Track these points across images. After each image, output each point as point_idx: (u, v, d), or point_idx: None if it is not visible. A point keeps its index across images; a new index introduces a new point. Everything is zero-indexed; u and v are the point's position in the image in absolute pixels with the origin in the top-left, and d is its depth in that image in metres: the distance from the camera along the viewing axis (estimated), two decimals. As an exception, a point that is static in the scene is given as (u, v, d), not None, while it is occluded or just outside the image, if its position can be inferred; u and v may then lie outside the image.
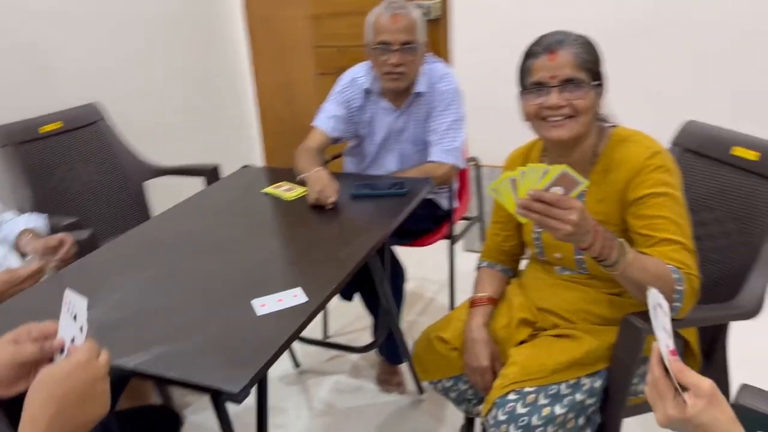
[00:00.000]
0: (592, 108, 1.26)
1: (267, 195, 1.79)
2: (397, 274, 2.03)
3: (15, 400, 0.77)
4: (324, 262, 1.37)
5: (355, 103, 2.02)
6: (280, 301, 1.22)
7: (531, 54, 1.29)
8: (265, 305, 1.21)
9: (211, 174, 2.34)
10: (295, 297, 1.23)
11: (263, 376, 1.19)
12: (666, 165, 1.24)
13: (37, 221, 1.70)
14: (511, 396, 1.27)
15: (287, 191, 1.78)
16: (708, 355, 1.45)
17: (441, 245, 2.22)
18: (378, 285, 1.77)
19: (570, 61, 1.23)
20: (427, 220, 2.12)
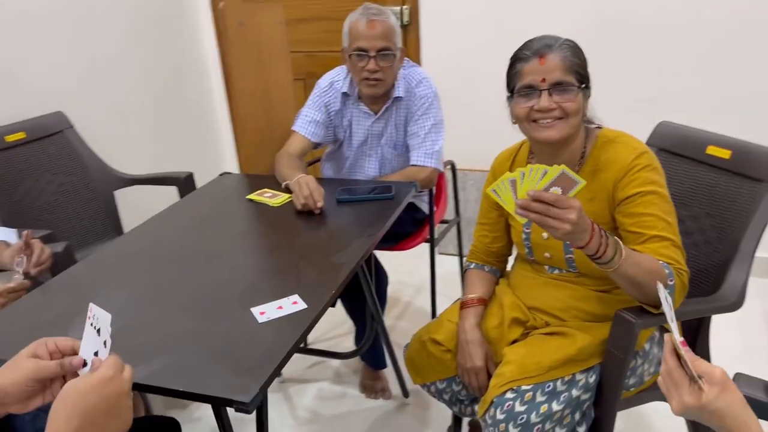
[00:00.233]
0: (581, 110, 1.30)
1: (251, 202, 1.77)
2: (380, 279, 2.03)
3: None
4: (318, 268, 1.36)
5: (333, 107, 2.02)
6: (280, 308, 1.21)
7: (521, 58, 1.31)
8: (264, 313, 1.19)
9: (184, 183, 2.30)
10: (294, 304, 1.22)
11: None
12: (652, 164, 1.29)
13: (8, 235, 1.63)
14: (509, 394, 1.29)
15: (272, 198, 1.76)
16: (691, 347, 1.51)
17: (415, 249, 2.23)
18: (366, 290, 1.76)
19: (559, 65, 1.26)
20: (407, 223, 2.13)
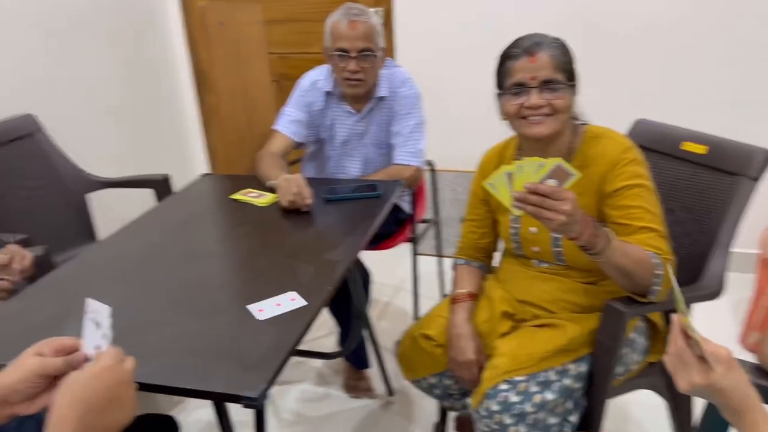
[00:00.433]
0: (569, 107, 1.33)
1: (235, 202, 1.75)
2: (364, 278, 2.03)
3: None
4: (314, 266, 1.36)
5: (315, 106, 2.02)
6: (279, 305, 1.20)
7: (510, 56, 1.34)
8: (263, 310, 1.19)
9: (161, 185, 2.26)
10: (293, 301, 1.21)
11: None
12: (638, 158, 1.33)
13: None
14: (503, 386, 1.31)
15: (257, 197, 1.75)
16: (673, 335, 1.56)
17: (392, 249, 2.24)
18: (352, 289, 1.77)
19: (549, 63, 1.29)
20: (389, 223, 2.14)
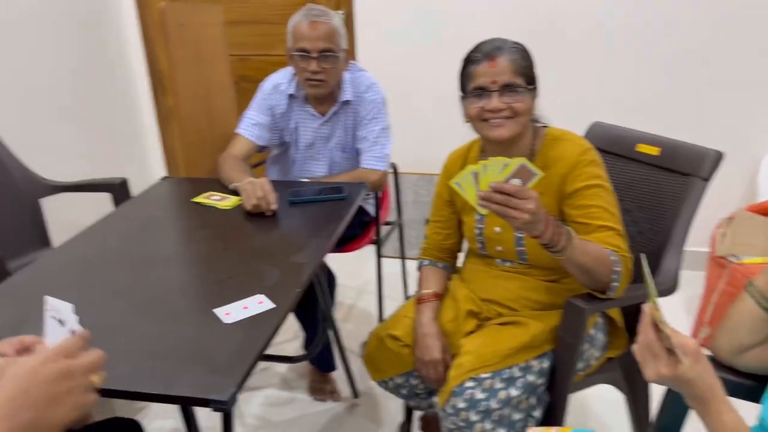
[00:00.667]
0: (529, 110, 1.37)
1: (198, 205, 1.73)
2: (329, 281, 2.03)
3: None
4: (280, 268, 1.35)
5: (278, 109, 2.01)
6: (246, 308, 1.19)
7: (472, 61, 1.37)
8: (229, 314, 1.18)
9: (119, 189, 2.20)
10: (260, 304, 1.21)
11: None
12: (597, 160, 1.38)
13: None
14: (469, 383, 1.33)
15: (220, 200, 1.73)
16: (631, 330, 1.61)
17: (356, 251, 2.24)
18: (318, 291, 1.77)
19: (509, 67, 1.33)
20: (354, 226, 2.14)
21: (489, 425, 1.32)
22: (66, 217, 2.68)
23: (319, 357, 2.09)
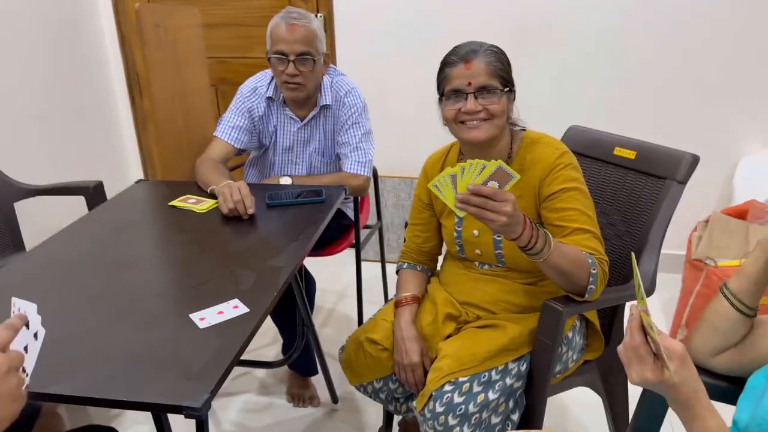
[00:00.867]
0: (505, 112, 1.37)
1: (174, 208, 1.70)
2: (308, 285, 2.02)
3: None
4: (257, 272, 1.33)
5: (257, 112, 2.00)
6: (221, 313, 1.18)
7: (448, 63, 1.37)
8: (204, 318, 1.16)
9: (93, 193, 2.17)
10: (235, 308, 1.19)
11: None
12: (573, 163, 1.38)
13: None
14: (447, 387, 1.33)
15: (196, 204, 1.71)
16: (608, 332, 1.62)
17: (335, 255, 2.23)
18: (297, 295, 1.75)
19: (484, 70, 1.33)
20: (333, 229, 2.13)
21: (467, 429, 1.31)
22: (41, 220, 2.63)
23: (298, 362, 2.07)
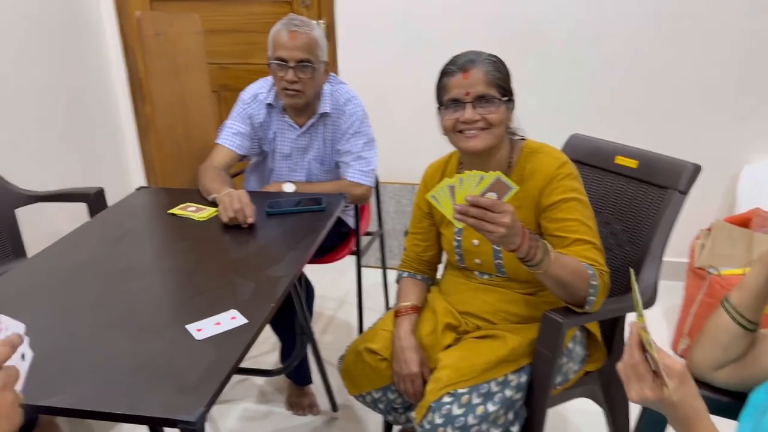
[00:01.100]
0: (504, 121, 1.36)
1: (174, 216, 1.70)
2: (308, 293, 2.01)
3: None
4: (255, 282, 1.33)
5: (257, 119, 2.00)
6: (218, 324, 1.17)
7: (446, 73, 1.36)
8: (201, 329, 1.15)
9: (94, 199, 2.17)
10: (233, 319, 1.18)
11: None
12: (573, 173, 1.37)
13: None
14: (446, 398, 1.32)
15: (196, 212, 1.70)
16: (609, 343, 1.60)
17: (336, 262, 2.22)
18: (296, 304, 1.74)
19: (482, 79, 1.32)
20: (332, 236, 2.13)
21: (466, 441, 1.30)
22: (42, 226, 2.64)
23: (296, 370, 2.06)
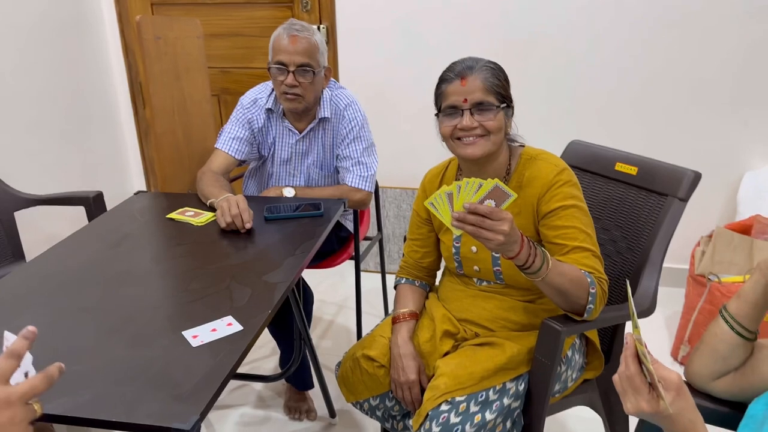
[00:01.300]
0: (502, 128, 1.35)
1: (172, 221, 1.70)
2: (306, 298, 2.01)
3: None
4: (252, 288, 1.32)
5: (256, 123, 1.99)
6: (214, 330, 1.16)
7: (444, 80, 1.36)
8: (197, 336, 1.15)
9: (93, 203, 2.17)
10: (229, 326, 1.18)
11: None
12: (572, 180, 1.37)
13: None
14: (444, 407, 1.31)
15: (194, 216, 1.70)
16: (608, 352, 1.60)
17: (335, 267, 2.22)
18: (294, 309, 1.74)
19: (479, 86, 1.32)
20: (332, 241, 2.12)
21: (464, 450, 1.29)
22: (41, 229, 2.64)
23: (294, 375, 2.06)
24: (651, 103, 2.67)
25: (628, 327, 1.58)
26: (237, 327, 1.17)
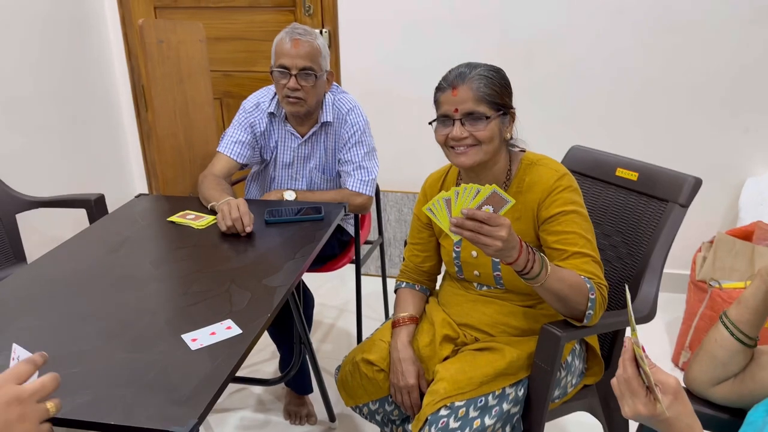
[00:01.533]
0: (494, 137, 1.34)
1: (172, 224, 1.70)
2: (306, 301, 2.01)
3: None
4: (251, 292, 1.32)
5: (259, 127, 2.00)
6: (213, 334, 1.17)
7: (439, 88, 1.36)
8: (196, 339, 1.15)
9: (95, 206, 2.17)
10: (228, 329, 1.18)
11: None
12: (572, 185, 1.37)
13: None
14: (443, 411, 1.31)
15: (195, 220, 1.70)
16: (608, 358, 1.59)
17: (336, 270, 2.22)
18: (294, 313, 1.74)
19: (470, 96, 1.31)
20: (333, 245, 2.12)
21: (463, 455, 1.29)
22: (43, 232, 2.64)
23: (294, 379, 2.06)
24: (652, 108, 2.67)
25: (628, 332, 1.58)
26: (236, 330, 1.17)
